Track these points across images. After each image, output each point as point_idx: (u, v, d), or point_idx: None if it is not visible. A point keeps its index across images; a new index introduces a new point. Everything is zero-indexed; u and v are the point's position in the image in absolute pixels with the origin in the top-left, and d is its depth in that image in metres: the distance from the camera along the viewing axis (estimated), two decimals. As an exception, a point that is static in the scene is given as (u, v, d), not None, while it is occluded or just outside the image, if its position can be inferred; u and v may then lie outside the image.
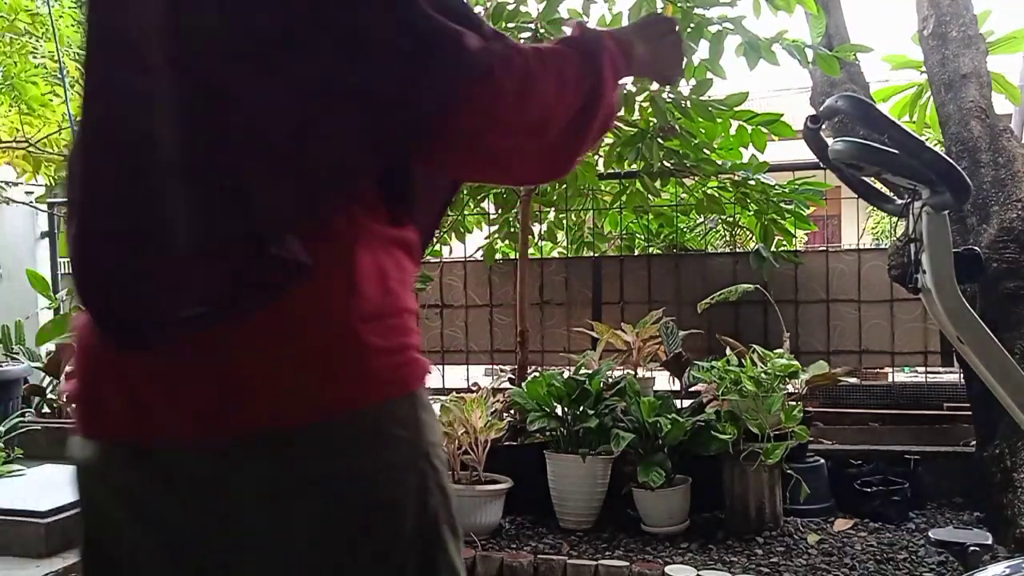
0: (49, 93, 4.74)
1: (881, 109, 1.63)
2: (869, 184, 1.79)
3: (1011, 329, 3.01)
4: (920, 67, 4.01)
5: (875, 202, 1.83)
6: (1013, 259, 3.03)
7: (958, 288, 1.51)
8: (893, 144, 1.47)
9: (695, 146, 3.83)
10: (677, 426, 3.11)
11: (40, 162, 4.84)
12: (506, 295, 4.57)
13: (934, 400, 4.12)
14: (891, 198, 1.82)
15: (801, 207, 4.08)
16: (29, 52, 4.58)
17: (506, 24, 3.52)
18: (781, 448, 3.04)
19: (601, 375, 3.34)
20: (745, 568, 2.74)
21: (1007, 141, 3.33)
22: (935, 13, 3.64)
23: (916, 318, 4.15)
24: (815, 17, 3.86)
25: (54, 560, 2.86)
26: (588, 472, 3.15)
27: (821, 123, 1.67)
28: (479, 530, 3.04)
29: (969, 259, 1.52)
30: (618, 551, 2.92)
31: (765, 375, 3.16)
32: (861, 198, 1.82)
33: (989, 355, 1.55)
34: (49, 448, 3.98)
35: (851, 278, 4.23)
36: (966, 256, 1.52)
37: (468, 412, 3.11)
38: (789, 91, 13.55)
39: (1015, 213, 3.10)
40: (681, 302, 4.32)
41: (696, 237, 4.99)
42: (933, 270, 1.50)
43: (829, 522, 3.21)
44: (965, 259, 1.52)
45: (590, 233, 4.73)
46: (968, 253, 1.53)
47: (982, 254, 1.67)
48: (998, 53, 3.98)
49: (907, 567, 2.71)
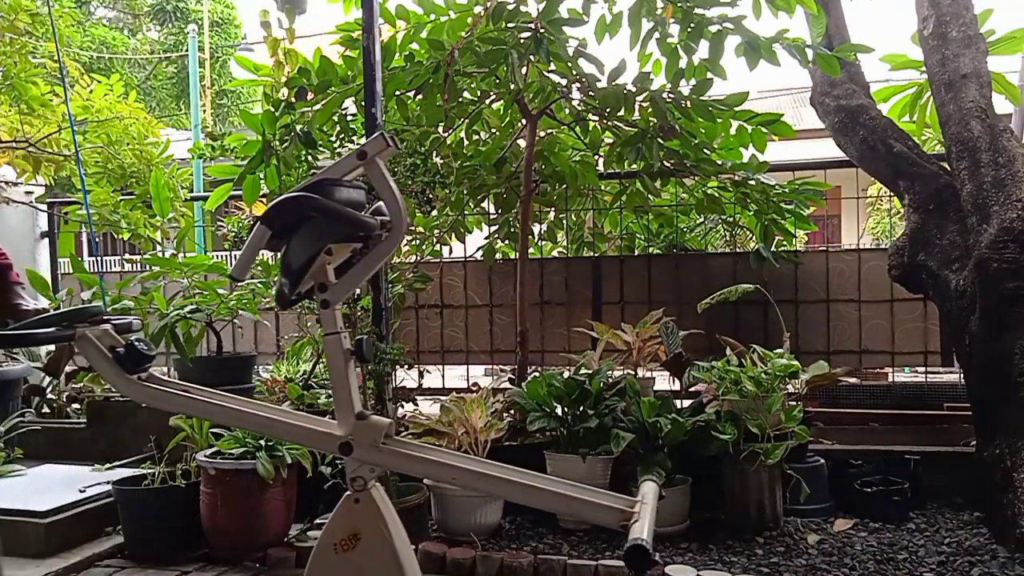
0: (49, 93, 4.73)
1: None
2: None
3: (1011, 329, 3.01)
4: (920, 67, 4.01)
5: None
6: (1013, 259, 3.03)
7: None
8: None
9: (695, 146, 3.84)
10: (677, 426, 3.11)
11: (40, 162, 4.84)
12: (506, 295, 4.58)
13: (934, 400, 4.12)
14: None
15: (801, 207, 4.08)
16: (29, 52, 4.57)
17: (506, 24, 3.53)
18: (781, 448, 3.04)
19: (601, 375, 3.34)
20: (745, 568, 2.74)
21: (1007, 141, 3.33)
22: (935, 13, 3.64)
23: (916, 318, 4.16)
24: (815, 17, 3.86)
25: (54, 560, 2.86)
26: (588, 472, 3.15)
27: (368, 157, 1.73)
28: (479, 530, 3.04)
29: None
30: (618, 551, 2.91)
31: (765, 375, 3.16)
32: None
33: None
34: (49, 448, 3.98)
35: (851, 278, 4.24)
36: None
37: (468, 412, 3.11)
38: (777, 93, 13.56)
39: (1015, 213, 3.10)
40: (681, 302, 4.32)
41: (696, 237, 4.99)
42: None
43: (829, 522, 3.21)
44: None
45: (590, 233, 4.73)
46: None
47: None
48: (998, 53, 3.98)
49: (907, 567, 2.71)
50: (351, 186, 1.78)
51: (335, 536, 1.75)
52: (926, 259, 3.48)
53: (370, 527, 1.74)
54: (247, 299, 3.71)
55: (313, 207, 1.66)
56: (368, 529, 1.74)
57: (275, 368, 4.30)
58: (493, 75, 3.72)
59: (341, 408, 1.78)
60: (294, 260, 1.71)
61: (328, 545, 1.75)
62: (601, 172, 4.35)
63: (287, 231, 1.71)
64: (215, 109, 20.95)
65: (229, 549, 2.95)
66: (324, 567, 1.75)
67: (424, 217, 4.31)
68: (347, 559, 1.74)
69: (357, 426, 1.76)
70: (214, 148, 3.98)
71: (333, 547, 1.75)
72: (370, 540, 1.74)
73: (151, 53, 22.63)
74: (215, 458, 2.95)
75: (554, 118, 4.07)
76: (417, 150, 3.40)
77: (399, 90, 3.71)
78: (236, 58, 5.77)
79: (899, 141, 3.76)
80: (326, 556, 1.75)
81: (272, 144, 3.69)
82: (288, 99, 3.72)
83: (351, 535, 1.74)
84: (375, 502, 1.76)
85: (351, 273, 1.79)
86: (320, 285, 1.76)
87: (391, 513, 1.79)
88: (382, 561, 1.73)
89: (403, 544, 1.78)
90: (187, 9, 22.39)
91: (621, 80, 3.64)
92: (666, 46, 3.71)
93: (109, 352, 1.78)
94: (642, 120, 3.80)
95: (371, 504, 1.75)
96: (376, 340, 3.14)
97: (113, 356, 1.78)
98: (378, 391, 3.15)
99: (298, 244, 1.70)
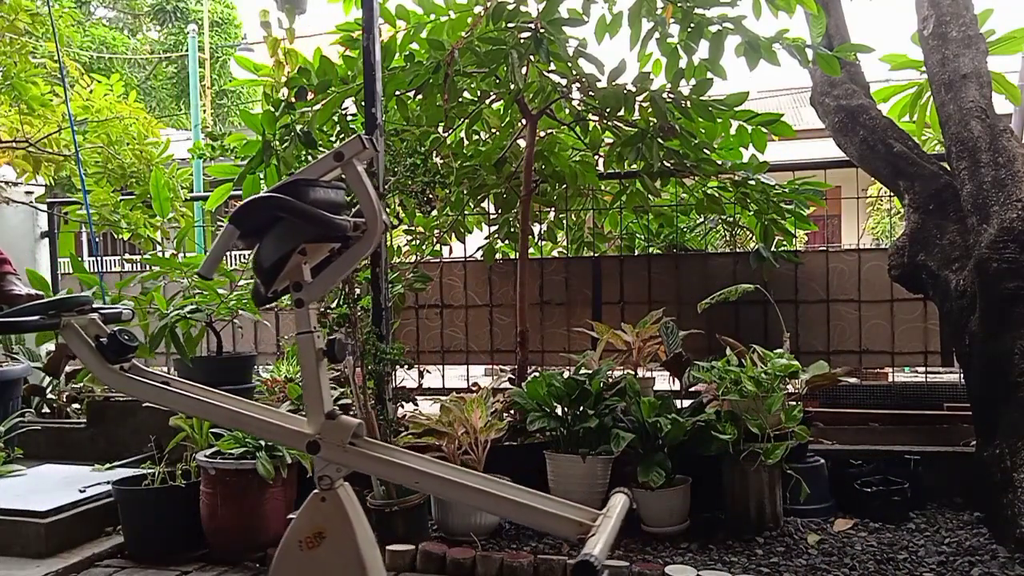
0: (49, 93, 4.73)
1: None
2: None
3: (1011, 329, 3.01)
4: (920, 67, 4.01)
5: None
6: (1013, 259, 3.03)
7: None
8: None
9: (695, 146, 3.84)
10: (677, 426, 3.11)
11: (40, 162, 4.84)
12: (506, 295, 4.58)
13: (934, 400, 4.12)
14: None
15: (801, 207, 4.09)
16: (29, 52, 4.57)
17: (506, 24, 3.53)
18: (781, 448, 3.04)
19: (601, 375, 3.34)
20: (745, 568, 2.74)
21: (1007, 141, 3.33)
22: (935, 13, 3.64)
23: (916, 318, 4.16)
24: (815, 17, 3.86)
25: (54, 560, 2.86)
26: (588, 472, 3.15)
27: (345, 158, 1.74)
28: (479, 530, 3.04)
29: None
30: (618, 551, 2.91)
31: (765, 375, 3.16)
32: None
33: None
34: (49, 448, 3.98)
35: (851, 278, 4.24)
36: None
37: (468, 412, 3.11)
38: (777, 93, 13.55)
39: (1015, 213, 3.09)
40: (681, 302, 4.32)
41: (696, 237, 4.99)
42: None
43: (829, 522, 3.21)
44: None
45: (590, 233, 4.73)
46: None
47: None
48: (998, 53, 3.98)
49: (907, 567, 2.71)
50: (329, 186, 1.79)
51: (300, 533, 1.77)
52: (926, 259, 3.48)
53: (335, 526, 1.77)
54: (247, 299, 3.71)
55: (283, 208, 1.68)
56: (333, 528, 1.77)
57: (275, 368, 4.30)
58: (493, 75, 3.72)
59: (311, 407, 1.81)
60: (264, 260, 1.74)
61: (293, 542, 1.78)
62: (601, 172, 4.35)
63: (257, 231, 1.73)
64: (215, 109, 20.95)
65: (229, 549, 2.95)
66: (289, 563, 1.78)
67: (424, 217, 4.32)
68: (311, 556, 1.76)
69: (326, 425, 1.78)
70: (214, 148, 3.98)
71: (298, 544, 1.77)
72: (334, 539, 1.76)
73: (151, 53, 22.64)
74: (215, 458, 2.95)
75: (554, 118, 4.07)
76: (417, 150, 3.40)
77: (399, 90, 3.71)
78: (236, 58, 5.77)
79: (899, 141, 3.76)
80: (291, 553, 1.77)
81: (272, 144, 3.69)
82: (288, 99, 3.72)
83: (316, 533, 1.77)
84: (341, 501, 1.78)
85: (325, 274, 1.82)
86: (295, 284, 1.78)
87: (357, 512, 1.81)
88: (345, 560, 1.76)
89: (368, 544, 1.80)
90: (187, 9, 22.39)
91: (621, 80, 3.64)
92: (666, 46, 3.71)
93: (93, 341, 1.80)
94: (642, 120, 3.81)
95: (337, 503, 1.78)
96: (376, 340, 3.14)
97: (96, 345, 1.80)
98: (378, 391, 3.16)
99: (268, 244, 1.73)
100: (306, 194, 1.71)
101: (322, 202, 1.74)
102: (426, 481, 1.78)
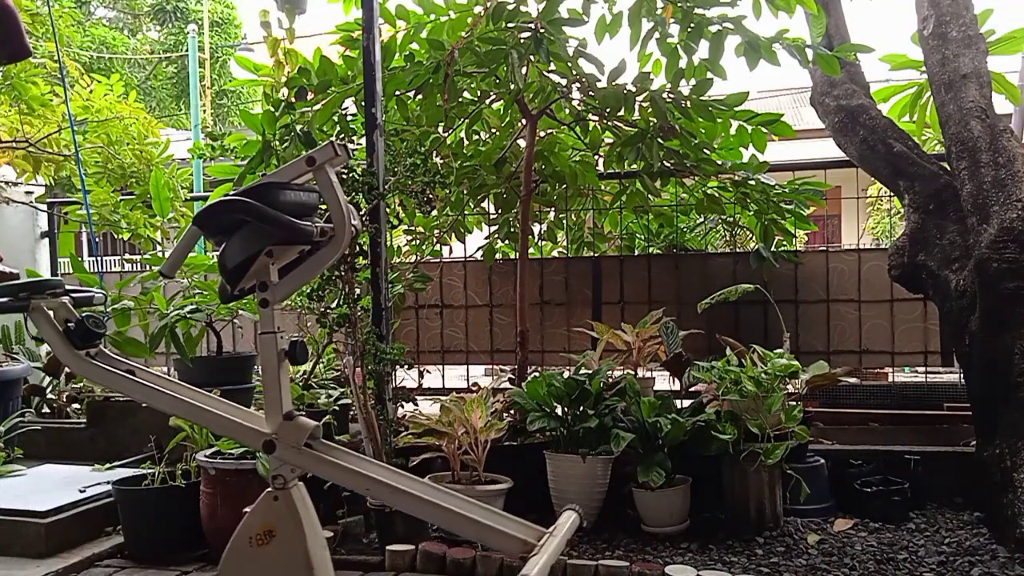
0: (49, 93, 4.73)
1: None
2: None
3: (1011, 329, 3.01)
4: (920, 67, 4.01)
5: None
6: (1013, 259, 3.03)
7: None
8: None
9: (695, 146, 3.83)
10: (677, 426, 3.11)
11: (40, 162, 4.84)
12: (506, 295, 4.58)
13: (934, 400, 4.12)
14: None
15: (801, 207, 4.08)
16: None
17: (506, 24, 3.53)
18: (781, 448, 3.04)
19: (601, 375, 3.34)
20: (745, 568, 2.74)
21: (1007, 141, 3.33)
22: (935, 13, 3.64)
23: (916, 318, 4.16)
24: (815, 17, 3.86)
25: (54, 560, 2.86)
26: (588, 472, 3.15)
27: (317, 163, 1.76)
28: (479, 530, 3.04)
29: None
30: (618, 551, 2.92)
31: (765, 375, 3.16)
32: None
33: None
34: (49, 448, 3.98)
35: (851, 278, 4.24)
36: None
37: (468, 412, 3.11)
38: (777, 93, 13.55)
39: (1015, 213, 3.09)
40: (681, 302, 4.32)
41: (696, 237, 4.99)
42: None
43: (829, 522, 3.21)
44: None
45: (590, 233, 4.73)
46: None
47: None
48: (998, 53, 3.98)
49: (907, 567, 2.71)
50: (300, 189, 1.80)
51: (251, 530, 1.80)
52: (926, 259, 3.48)
53: (285, 525, 1.80)
54: (247, 299, 3.70)
55: (247, 212, 1.69)
56: (283, 527, 1.80)
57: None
58: (493, 75, 3.72)
59: (270, 406, 1.83)
60: (228, 260, 1.76)
61: (244, 538, 1.81)
62: (601, 172, 4.35)
63: (221, 232, 1.76)
64: (215, 109, 20.95)
65: (229, 549, 2.95)
66: (238, 559, 1.81)
67: (424, 217, 4.32)
68: (261, 553, 1.79)
69: (283, 426, 1.81)
70: (214, 148, 3.98)
71: (248, 540, 1.80)
72: (284, 538, 1.79)
73: (151, 53, 22.64)
74: (215, 458, 2.95)
75: (554, 118, 4.07)
76: (417, 150, 3.40)
77: (399, 90, 3.71)
78: (236, 58, 5.77)
79: (899, 141, 3.76)
80: (241, 548, 1.81)
81: (272, 144, 3.69)
82: (288, 99, 3.72)
83: (266, 531, 1.80)
84: (293, 501, 1.81)
85: (291, 276, 1.85)
86: (261, 284, 1.81)
87: (309, 513, 1.84)
88: (294, 560, 1.78)
89: (317, 545, 1.82)
90: (187, 9, 22.39)
91: (621, 80, 3.64)
92: (666, 46, 3.71)
93: (62, 326, 1.80)
94: (642, 120, 3.80)
95: (289, 503, 1.81)
96: (376, 340, 3.14)
97: (64, 330, 1.80)
98: (378, 391, 3.16)
99: (234, 245, 1.76)
100: (276, 196, 1.74)
101: (291, 205, 1.76)
102: (376, 489, 1.81)
